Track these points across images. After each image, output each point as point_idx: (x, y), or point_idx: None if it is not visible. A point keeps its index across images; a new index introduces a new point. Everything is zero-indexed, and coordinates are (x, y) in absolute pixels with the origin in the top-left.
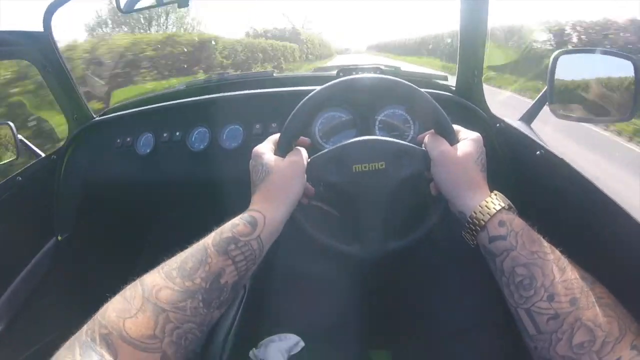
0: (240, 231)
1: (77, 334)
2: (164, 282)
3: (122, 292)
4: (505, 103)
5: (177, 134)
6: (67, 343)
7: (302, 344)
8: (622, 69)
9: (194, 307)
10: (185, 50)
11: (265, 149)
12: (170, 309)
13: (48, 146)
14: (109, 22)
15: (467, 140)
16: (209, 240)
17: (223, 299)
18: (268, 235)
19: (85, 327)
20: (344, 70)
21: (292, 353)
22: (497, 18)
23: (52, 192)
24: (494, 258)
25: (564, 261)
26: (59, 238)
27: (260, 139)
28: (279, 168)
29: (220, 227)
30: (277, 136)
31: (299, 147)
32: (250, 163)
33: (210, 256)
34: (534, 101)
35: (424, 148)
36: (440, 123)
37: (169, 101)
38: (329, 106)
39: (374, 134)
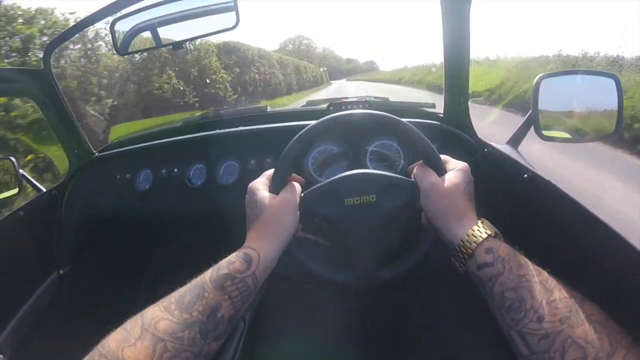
0: (236, 268)
1: None
2: (162, 314)
3: (123, 325)
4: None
5: (175, 170)
6: None
7: None
8: (604, 86)
9: (191, 338)
10: None
11: (260, 186)
12: (168, 339)
13: None
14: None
15: (456, 170)
16: (207, 276)
17: (219, 331)
18: (262, 272)
19: (86, 359)
20: (334, 104)
21: None
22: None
23: (54, 227)
24: (483, 284)
25: (552, 282)
26: (61, 272)
27: (256, 174)
28: (271, 206)
29: (218, 264)
30: (271, 172)
31: (292, 183)
32: (246, 198)
33: (207, 291)
34: (519, 125)
35: (413, 179)
36: (428, 155)
37: (166, 138)
38: (321, 140)
39: (365, 165)
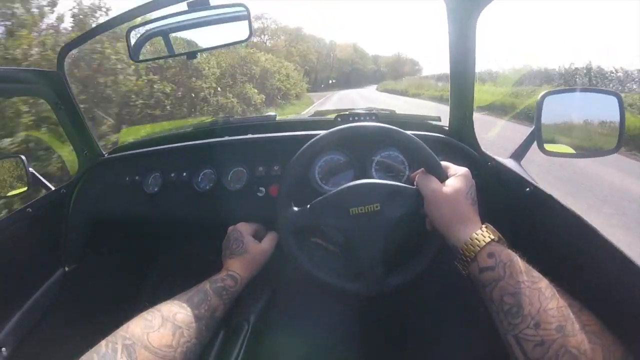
0: (228, 284)
1: (94, 349)
2: (178, 309)
3: (140, 316)
4: None
5: (184, 174)
6: (84, 357)
7: None
8: (606, 104)
9: (199, 329)
10: None
11: (247, 230)
12: (184, 327)
13: None
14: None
15: (457, 176)
16: (207, 285)
17: (215, 326)
18: (241, 288)
19: (104, 342)
20: (342, 115)
21: None
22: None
23: (61, 225)
24: (484, 288)
25: (552, 290)
26: (66, 269)
27: (263, 181)
28: (254, 251)
29: (214, 278)
30: (257, 226)
31: (272, 235)
32: (232, 234)
33: (209, 296)
34: (522, 140)
35: (415, 187)
36: (429, 162)
37: (176, 142)
38: (328, 149)
39: (371, 175)
